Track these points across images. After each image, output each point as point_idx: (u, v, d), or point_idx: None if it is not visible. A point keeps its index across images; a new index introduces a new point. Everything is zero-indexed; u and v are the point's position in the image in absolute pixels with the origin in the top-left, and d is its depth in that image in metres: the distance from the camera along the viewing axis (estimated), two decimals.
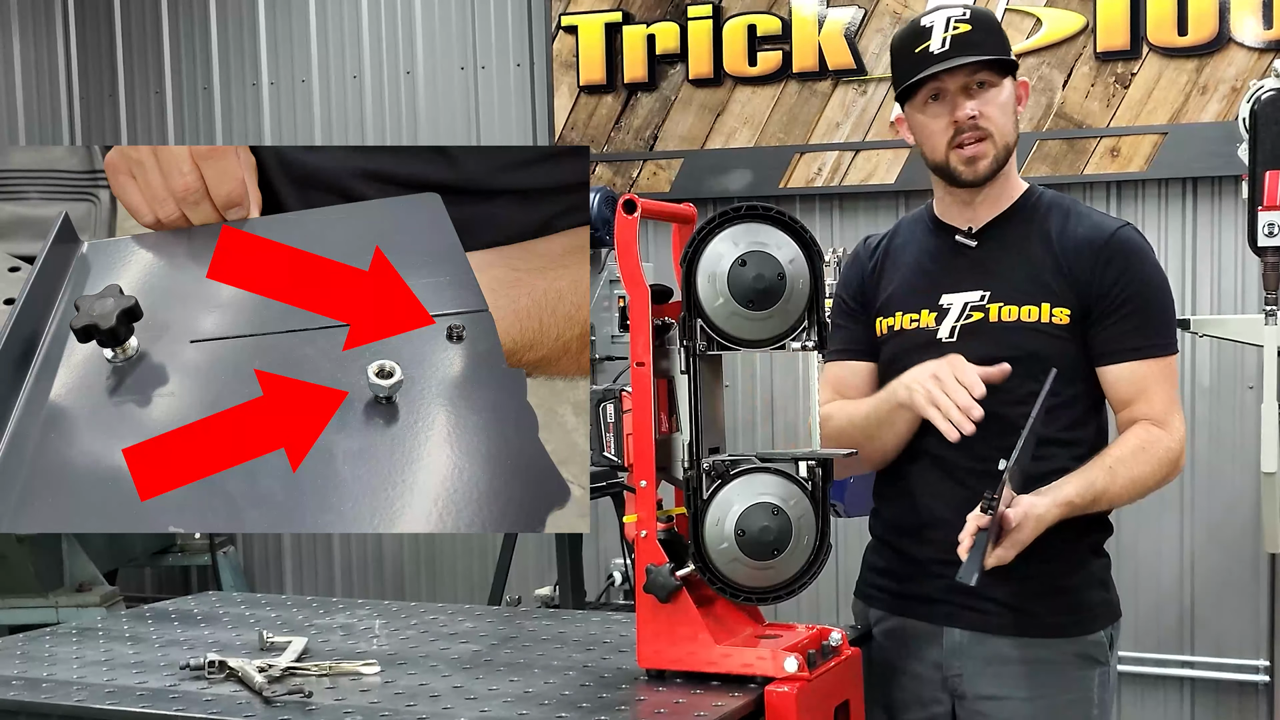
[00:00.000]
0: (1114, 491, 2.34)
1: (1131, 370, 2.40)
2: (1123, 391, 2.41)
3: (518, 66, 5.79)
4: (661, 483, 2.20)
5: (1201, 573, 4.93)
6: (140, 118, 6.48)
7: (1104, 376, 2.42)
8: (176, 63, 6.39)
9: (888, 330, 2.51)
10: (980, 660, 2.42)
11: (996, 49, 2.41)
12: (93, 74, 6.55)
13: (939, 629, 2.45)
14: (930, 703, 2.47)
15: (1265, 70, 4.55)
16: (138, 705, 2.15)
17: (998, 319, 2.41)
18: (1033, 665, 2.40)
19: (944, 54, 2.37)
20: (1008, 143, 2.43)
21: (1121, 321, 2.39)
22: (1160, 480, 2.40)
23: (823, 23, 5.21)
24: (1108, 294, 2.39)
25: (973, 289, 2.44)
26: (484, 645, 2.51)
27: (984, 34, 2.40)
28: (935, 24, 2.39)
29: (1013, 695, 2.40)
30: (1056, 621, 2.41)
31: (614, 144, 5.59)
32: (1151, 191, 4.93)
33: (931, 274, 2.49)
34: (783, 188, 5.34)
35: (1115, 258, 2.39)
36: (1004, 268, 2.44)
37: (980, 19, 2.42)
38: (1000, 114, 2.41)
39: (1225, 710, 4.95)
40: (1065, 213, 2.47)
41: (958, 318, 2.44)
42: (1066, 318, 2.39)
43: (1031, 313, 2.40)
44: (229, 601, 3.05)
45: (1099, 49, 4.88)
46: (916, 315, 2.48)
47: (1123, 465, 2.35)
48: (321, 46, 6.12)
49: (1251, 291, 4.76)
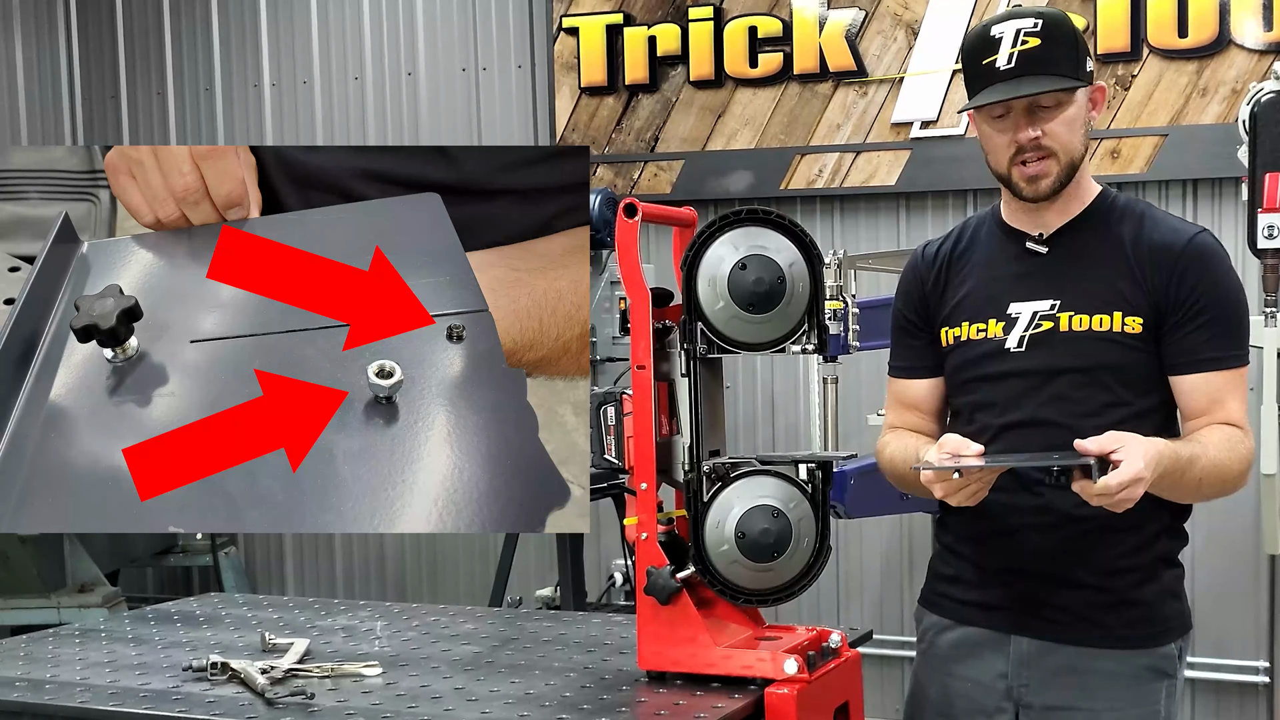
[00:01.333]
0: (1203, 464, 2.24)
1: (1206, 381, 2.33)
2: (1197, 402, 2.34)
3: (519, 68, 5.79)
4: (662, 485, 2.21)
5: (1202, 574, 4.92)
6: (142, 118, 6.48)
7: (1177, 386, 2.34)
8: (178, 64, 6.40)
9: (954, 341, 2.44)
10: (1048, 670, 2.37)
11: (1067, 64, 2.29)
12: (95, 75, 6.55)
13: (1006, 637, 2.40)
14: (994, 712, 2.42)
15: (1265, 72, 4.55)
16: (141, 706, 2.15)
17: (1068, 328, 2.34)
18: (1101, 676, 2.36)
19: (1010, 71, 2.28)
20: (1073, 159, 2.34)
21: (1198, 331, 2.31)
22: (1238, 475, 2.32)
23: (824, 24, 5.21)
24: (1184, 302, 2.31)
25: (1043, 298, 2.37)
26: (485, 646, 2.51)
27: (1054, 47, 2.29)
28: (1004, 35, 2.29)
29: (1080, 706, 2.35)
30: (1127, 634, 2.36)
31: (615, 145, 5.59)
32: (1152, 193, 4.93)
33: (1000, 281, 2.42)
34: (783, 189, 5.34)
35: (1192, 265, 2.32)
36: (1076, 275, 2.36)
37: (1052, 29, 2.29)
38: (1067, 131, 2.32)
39: (1226, 711, 4.95)
40: (1140, 218, 2.39)
41: (1027, 327, 2.37)
42: (1139, 326, 2.32)
43: (1103, 321, 2.33)
44: (231, 603, 3.06)
45: (1099, 51, 4.87)
46: (984, 325, 2.41)
47: (1213, 446, 2.27)
48: (323, 48, 6.13)
49: (1252, 293, 4.74)
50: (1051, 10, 2.36)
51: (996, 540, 2.39)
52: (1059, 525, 2.33)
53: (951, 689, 2.46)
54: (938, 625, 2.50)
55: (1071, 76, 2.30)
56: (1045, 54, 2.28)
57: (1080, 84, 2.31)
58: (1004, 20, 2.32)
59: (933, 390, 2.50)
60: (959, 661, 2.45)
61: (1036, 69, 2.27)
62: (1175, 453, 2.20)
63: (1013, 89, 2.28)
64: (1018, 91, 2.27)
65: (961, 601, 2.47)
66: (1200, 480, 2.26)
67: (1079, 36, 2.35)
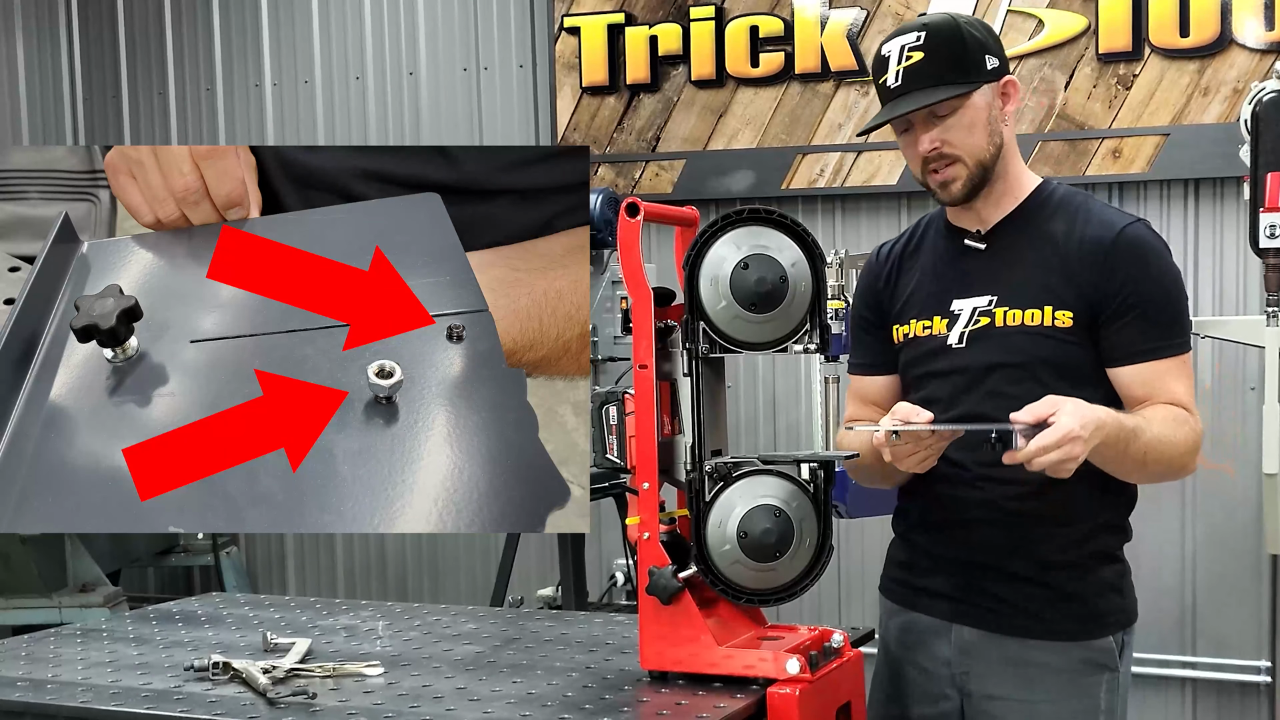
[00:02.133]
0: (1148, 438, 2.26)
1: (1142, 372, 2.36)
2: (1136, 392, 2.36)
3: (520, 68, 5.79)
4: (664, 485, 2.20)
5: (1203, 573, 4.92)
6: (143, 118, 6.48)
7: (1116, 378, 2.38)
8: (179, 63, 6.39)
9: (904, 338, 2.50)
10: (988, 660, 2.42)
11: (953, 72, 2.33)
12: (96, 74, 6.55)
13: (949, 625, 2.45)
14: (939, 698, 2.47)
15: (1267, 72, 4.54)
16: (142, 706, 2.15)
17: (1003, 324, 2.39)
18: (1039, 669, 2.39)
19: (897, 89, 2.33)
20: (981, 159, 2.37)
21: (1132, 324, 2.34)
22: (1185, 454, 2.33)
23: (825, 24, 5.21)
24: (1116, 295, 2.34)
25: (982, 293, 2.41)
26: (487, 646, 2.51)
27: (936, 58, 2.32)
28: (892, 53, 2.34)
29: (1018, 697, 2.40)
30: (1064, 627, 2.40)
31: (616, 145, 5.59)
32: (1153, 193, 4.93)
33: (944, 279, 2.47)
34: (785, 189, 5.34)
35: (1122, 258, 2.35)
36: (1011, 271, 2.41)
37: (935, 42, 2.33)
38: (967, 134, 2.35)
39: (1227, 711, 4.95)
40: (1075, 210, 2.42)
41: (967, 323, 2.41)
42: (1069, 321, 2.35)
43: (1035, 316, 2.37)
44: (233, 603, 3.05)
45: (1101, 50, 4.87)
46: (930, 322, 2.46)
47: (1156, 422, 2.29)
48: (324, 47, 6.12)
49: (1253, 293, 4.75)
50: (936, 19, 2.36)
51: (945, 530, 2.45)
52: (1000, 519, 2.37)
53: (902, 674, 2.51)
54: (890, 611, 2.56)
55: (961, 82, 2.32)
56: (928, 67, 2.32)
57: (962, 88, 2.33)
58: (892, 38, 2.36)
59: (889, 386, 2.55)
60: (909, 648, 2.51)
61: (922, 83, 2.32)
62: (1119, 421, 2.22)
63: (891, 109, 2.35)
64: (894, 112, 2.34)
65: (912, 588, 2.52)
66: (1145, 454, 2.28)
67: (968, 38, 2.35)
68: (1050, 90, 4.96)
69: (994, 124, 2.38)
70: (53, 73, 6.58)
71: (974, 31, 2.37)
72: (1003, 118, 2.40)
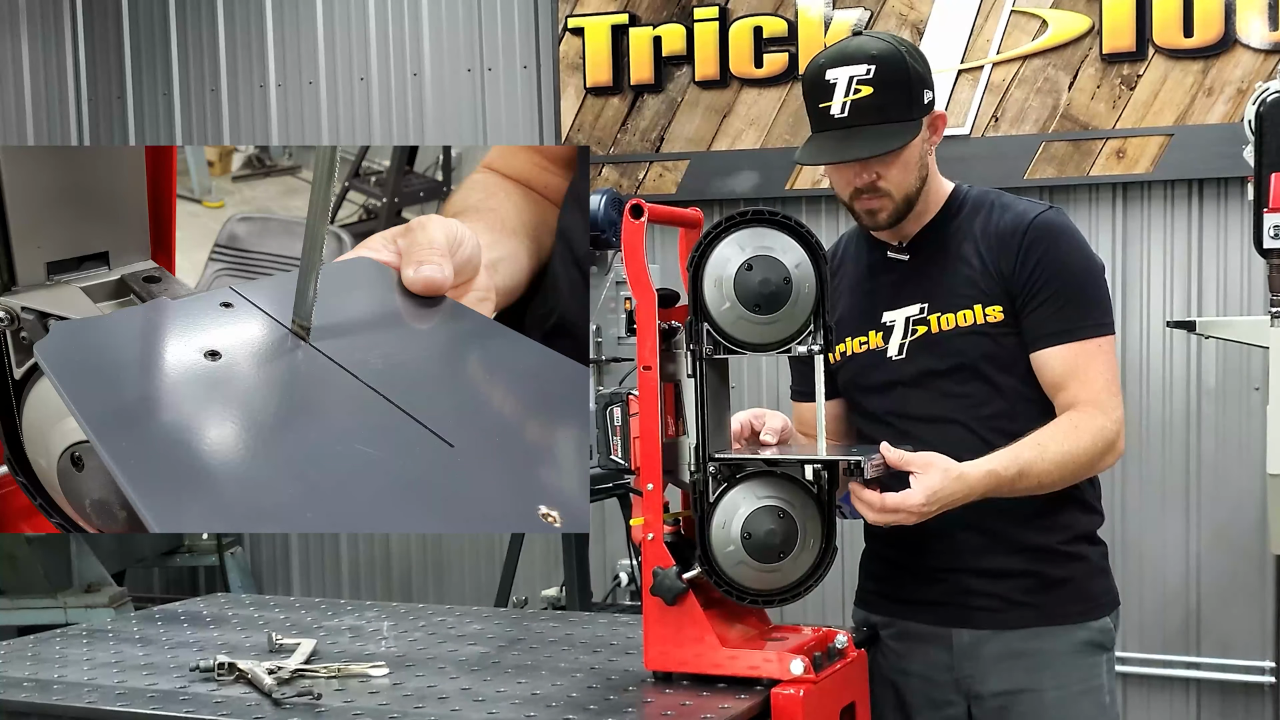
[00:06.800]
0: (1043, 467, 2.31)
1: (1059, 354, 2.38)
2: (1052, 376, 2.39)
3: (524, 68, 5.80)
4: (668, 486, 2.21)
5: (1207, 573, 4.92)
6: (148, 119, 6.49)
7: (1034, 363, 2.40)
8: (184, 64, 6.41)
9: (840, 357, 2.52)
10: (990, 658, 2.44)
11: (899, 108, 2.34)
12: (101, 75, 6.56)
13: (946, 631, 2.47)
14: (944, 704, 2.48)
15: (1271, 72, 4.55)
16: (148, 707, 2.16)
17: (939, 329, 2.42)
18: (1044, 656, 2.42)
19: (843, 120, 2.33)
20: (909, 194, 2.41)
21: (1043, 306, 2.37)
22: (1094, 458, 2.37)
23: (829, 24, 5.21)
24: (1029, 280, 2.38)
25: (910, 302, 2.45)
26: (491, 647, 2.51)
27: (886, 95, 2.33)
28: (839, 82, 2.34)
29: (1028, 688, 2.42)
30: (1063, 610, 2.43)
31: (620, 145, 5.60)
32: (1157, 193, 4.93)
33: (871, 293, 2.51)
34: (789, 189, 5.34)
35: (1035, 243, 2.38)
36: (936, 276, 2.45)
37: (885, 76, 2.33)
38: (901, 173, 2.39)
39: (1231, 711, 4.95)
40: (989, 207, 2.46)
41: (904, 334, 2.45)
42: (1000, 314, 2.39)
43: (967, 316, 2.41)
44: (238, 603, 3.06)
45: (1105, 50, 4.87)
46: (865, 337, 2.49)
47: (1054, 442, 2.33)
48: (329, 48, 6.13)
49: (1257, 293, 4.76)
50: (884, 50, 2.35)
51: (923, 541, 2.44)
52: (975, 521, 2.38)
53: (899, 682, 2.52)
54: (881, 623, 2.56)
55: (905, 119, 2.35)
56: (877, 102, 2.32)
57: (910, 137, 2.35)
58: (838, 64, 2.35)
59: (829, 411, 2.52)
60: (904, 656, 2.52)
61: (868, 118, 2.33)
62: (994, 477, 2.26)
63: (843, 146, 2.35)
64: (846, 154, 2.34)
65: (899, 600, 2.54)
66: (1040, 482, 2.32)
67: (912, 75, 2.36)
68: (1054, 91, 4.97)
69: (923, 157, 2.43)
70: (58, 73, 6.59)
71: (916, 66, 2.38)
72: (929, 149, 2.44)
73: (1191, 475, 4.94)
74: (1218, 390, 4.89)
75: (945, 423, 2.41)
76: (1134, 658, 4.96)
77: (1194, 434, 4.93)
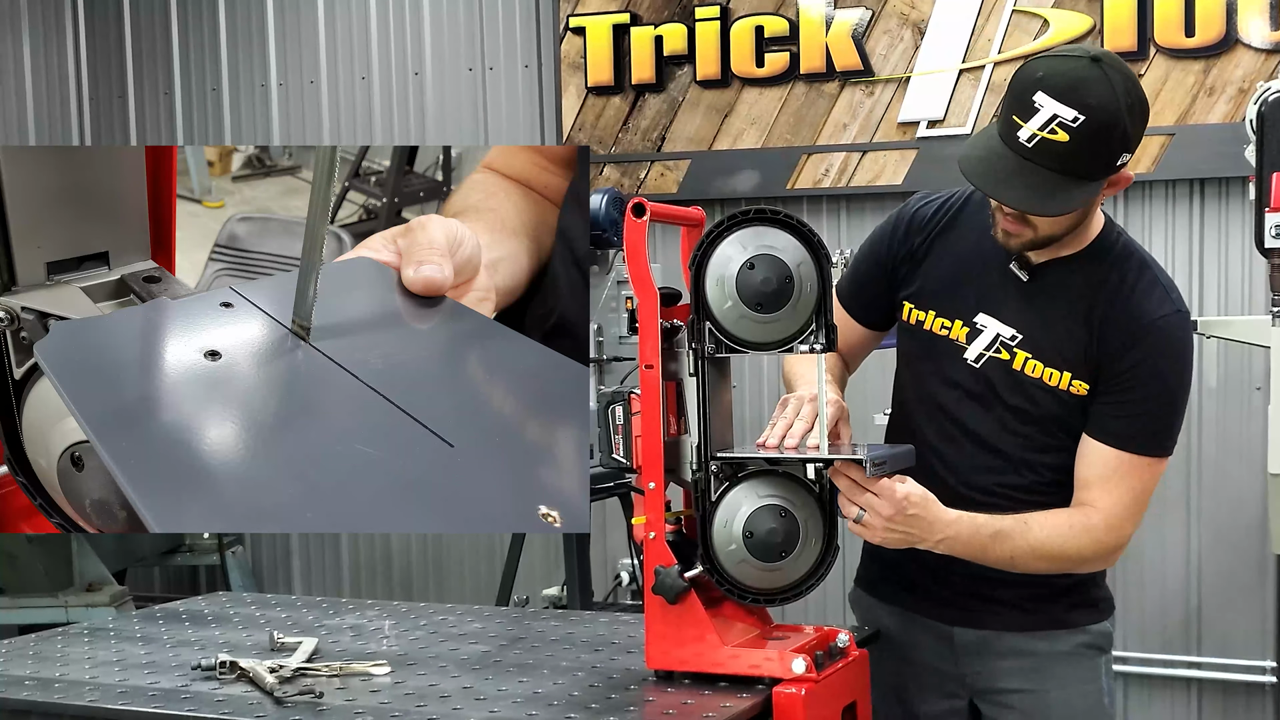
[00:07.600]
0: (1018, 542, 2.27)
1: (1104, 454, 2.33)
2: (1086, 469, 2.34)
3: (525, 68, 5.80)
4: (670, 484, 2.21)
5: (1208, 573, 4.92)
6: (149, 118, 6.49)
7: (1080, 444, 2.35)
8: (185, 63, 6.41)
9: (916, 323, 2.47)
10: (994, 657, 2.46)
11: (1085, 167, 2.18)
12: (102, 75, 6.56)
13: (950, 629, 2.48)
14: (951, 695, 2.51)
15: (1272, 72, 4.55)
16: (150, 705, 2.16)
17: (1020, 369, 2.36)
18: (1046, 658, 2.44)
19: (1022, 149, 2.17)
20: (1053, 234, 2.29)
21: (1119, 405, 2.32)
22: (1077, 562, 2.34)
23: (830, 24, 5.21)
24: (1119, 375, 2.31)
25: (1010, 322, 2.37)
26: (493, 646, 2.51)
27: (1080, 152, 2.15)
28: (1041, 110, 2.16)
29: (1030, 689, 2.43)
30: (1068, 616, 2.45)
31: (621, 145, 5.60)
32: (1159, 192, 4.93)
33: (976, 285, 2.41)
34: (790, 189, 5.34)
35: (1141, 344, 2.30)
36: (1045, 318, 2.36)
37: (1089, 131, 2.14)
38: (1053, 222, 2.27)
39: (1232, 711, 4.95)
40: (1122, 279, 2.33)
41: (987, 347, 2.39)
42: (1085, 390, 2.34)
43: (1054, 377, 2.35)
44: (239, 602, 3.06)
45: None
46: (949, 324, 2.42)
47: (1040, 527, 2.30)
48: (330, 48, 6.13)
49: (1259, 293, 4.75)
50: (1105, 103, 2.15)
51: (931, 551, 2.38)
52: None
53: (904, 670, 2.53)
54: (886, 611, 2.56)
55: (1087, 178, 2.20)
56: (1068, 151, 2.16)
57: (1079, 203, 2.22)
58: (1052, 94, 2.15)
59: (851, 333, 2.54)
60: (910, 645, 2.52)
61: (1051, 163, 2.17)
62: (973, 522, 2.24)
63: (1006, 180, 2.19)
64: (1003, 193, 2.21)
65: (905, 592, 2.53)
66: (1012, 558, 2.29)
67: (1117, 138, 2.18)
68: None
69: (1088, 209, 2.30)
70: (59, 73, 6.59)
71: (1129, 126, 2.19)
72: (1100, 201, 2.32)
73: (1192, 475, 4.94)
74: (1219, 390, 4.89)
75: (986, 447, 2.39)
76: (1134, 658, 4.95)
77: (1195, 434, 4.92)
